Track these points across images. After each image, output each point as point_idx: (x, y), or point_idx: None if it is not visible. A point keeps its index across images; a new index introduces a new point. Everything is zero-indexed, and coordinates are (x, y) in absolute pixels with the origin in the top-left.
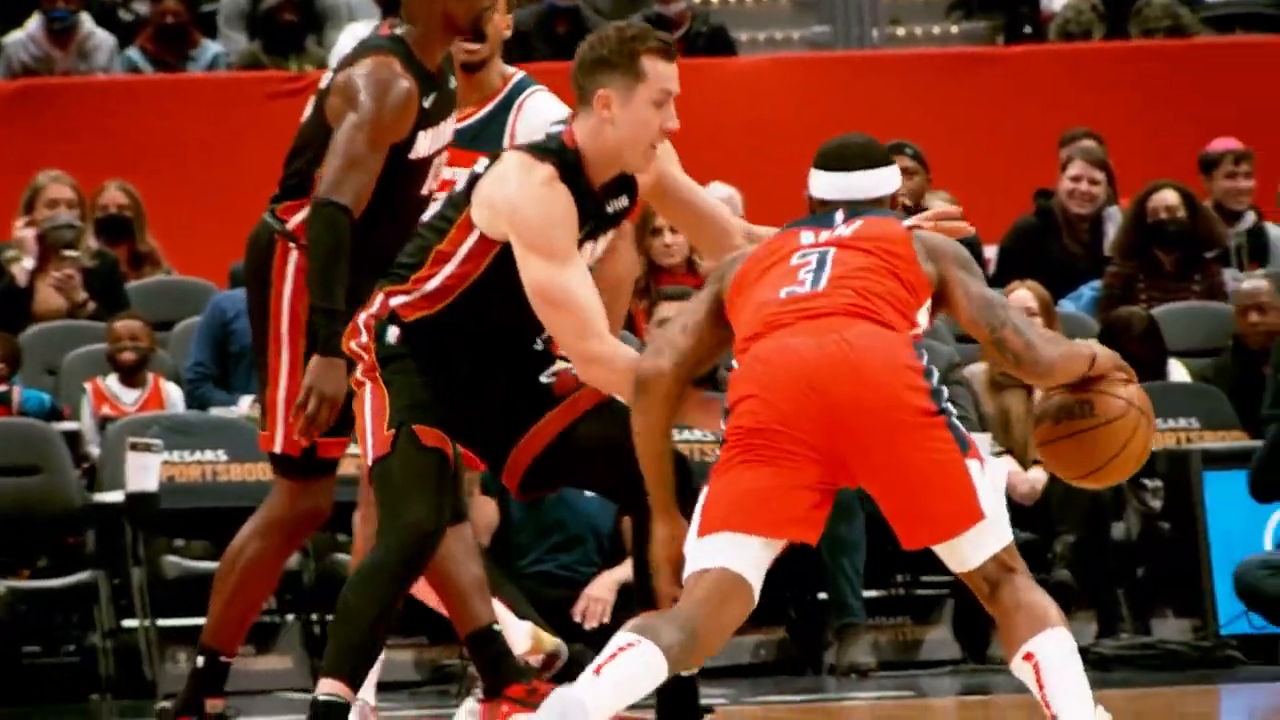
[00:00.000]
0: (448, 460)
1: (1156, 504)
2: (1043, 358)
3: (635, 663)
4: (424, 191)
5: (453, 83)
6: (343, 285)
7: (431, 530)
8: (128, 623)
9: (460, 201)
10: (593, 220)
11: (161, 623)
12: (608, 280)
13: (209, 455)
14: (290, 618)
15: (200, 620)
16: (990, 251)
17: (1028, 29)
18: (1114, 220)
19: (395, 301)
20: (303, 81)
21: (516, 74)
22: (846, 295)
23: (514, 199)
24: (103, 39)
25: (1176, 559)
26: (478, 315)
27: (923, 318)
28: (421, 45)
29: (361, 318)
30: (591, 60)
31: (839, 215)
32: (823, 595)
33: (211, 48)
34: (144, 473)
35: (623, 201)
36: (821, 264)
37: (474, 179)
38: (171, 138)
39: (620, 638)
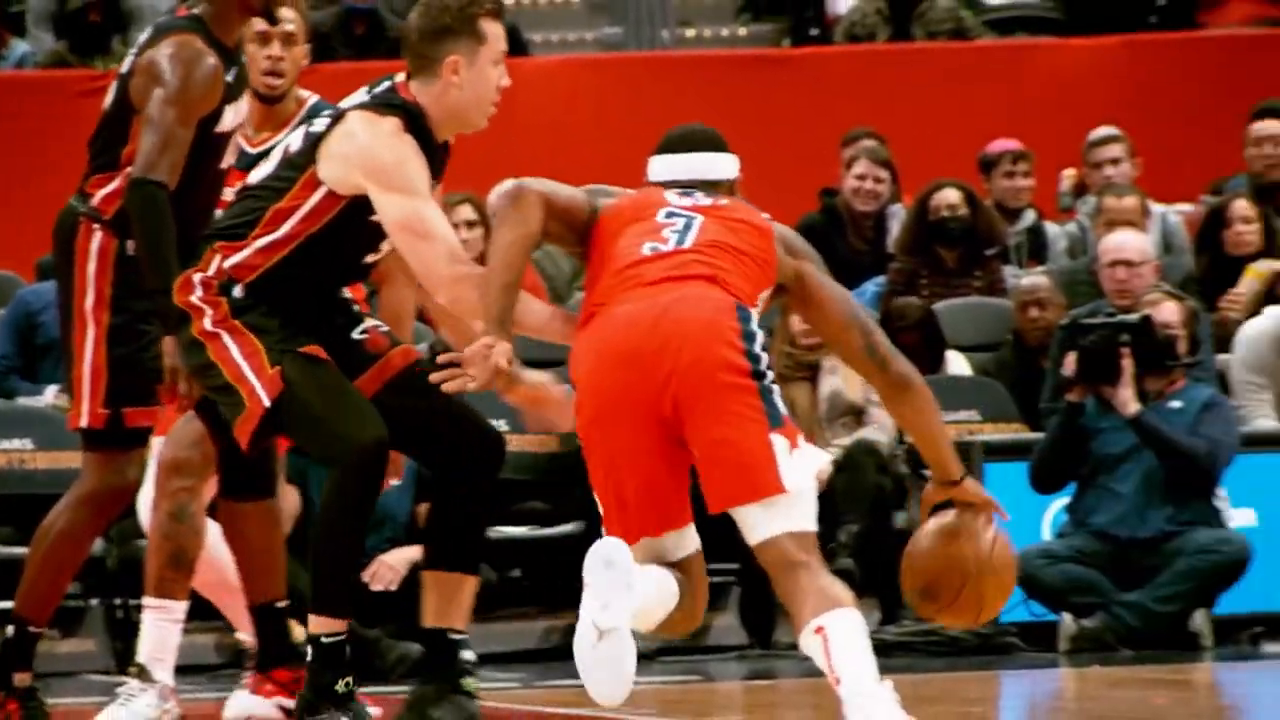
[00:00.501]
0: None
1: None
2: (906, 371)
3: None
4: (222, 165)
5: (245, 58)
6: (176, 260)
7: (380, 435)
8: None
9: (301, 162)
10: (435, 175)
11: None
12: (389, 309)
13: (15, 444)
14: (94, 602)
15: (8, 604)
16: None
17: (814, 31)
18: (897, 218)
19: (230, 261)
20: (108, 80)
21: (311, 98)
22: (704, 257)
23: (367, 147)
24: None
25: None
26: (311, 267)
27: (760, 302)
28: (218, 23)
29: (197, 276)
30: (434, 29)
31: (699, 193)
32: None
33: (20, 47)
34: None
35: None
36: (688, 227)
37: (315, 139)
38: None
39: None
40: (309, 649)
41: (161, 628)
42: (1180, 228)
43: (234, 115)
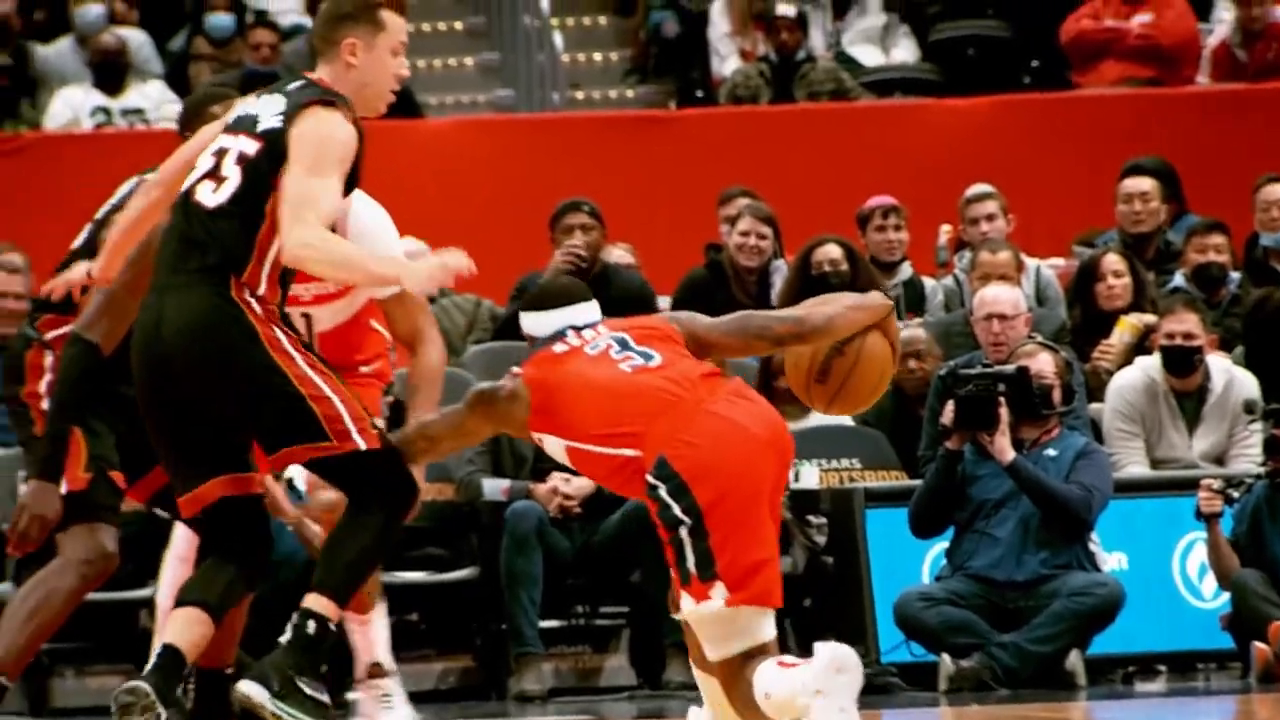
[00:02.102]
0: None
1: (821, 539)
2: (818, 320)
3: None
4: None
5: None
6: (75, 415)
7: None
8: None
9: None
10: None
11: None
12: (424, 372)
13: None
14: None
15: None
16: (664, 302)
17: (699, 93)
18: (780, 273)
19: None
20: (16, 142)
21: None
22: (687, 359)
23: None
24: None
25: (840, 591)
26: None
27: None
28: None
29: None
30: (336, 15)
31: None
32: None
33: None
34: None
35: None
36: (625, 344)
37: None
38: None
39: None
40: (307, 624)
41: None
42: (1054, 281)
43: None
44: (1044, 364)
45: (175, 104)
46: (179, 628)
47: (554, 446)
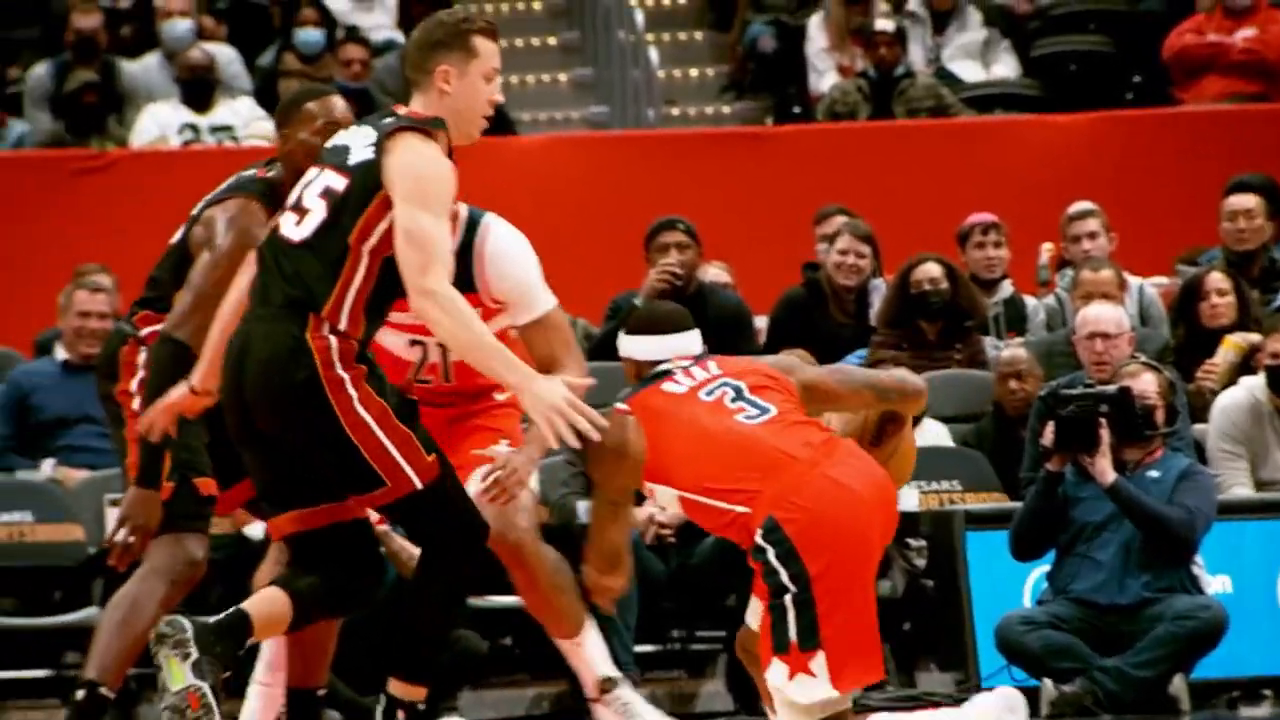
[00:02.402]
0: None
1: (921, 562)
2: (918, 382)
3: None
4: None
5: None
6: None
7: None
8: None
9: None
10: None
11: None
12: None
13: (15, 516)
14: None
15: (9, 674)
16: (761, 322)
17: (797, 109)
18: (879, 292)
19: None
20: (104, 159)
21: (461, 210)
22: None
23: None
24: None
25: (940, 615)
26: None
27: None
28: (287, 189)
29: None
30: (428, 43)
31: (690, 364)
32: None
33: (17, 127)
34: None
35: None
36: (740, 394)
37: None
38: None
39: None
40: (395, 715)
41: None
42: (1156, 300)
43: None
44: (1147, 384)
45: (264, 121)
46: (256, 599)
47: (666, 496)
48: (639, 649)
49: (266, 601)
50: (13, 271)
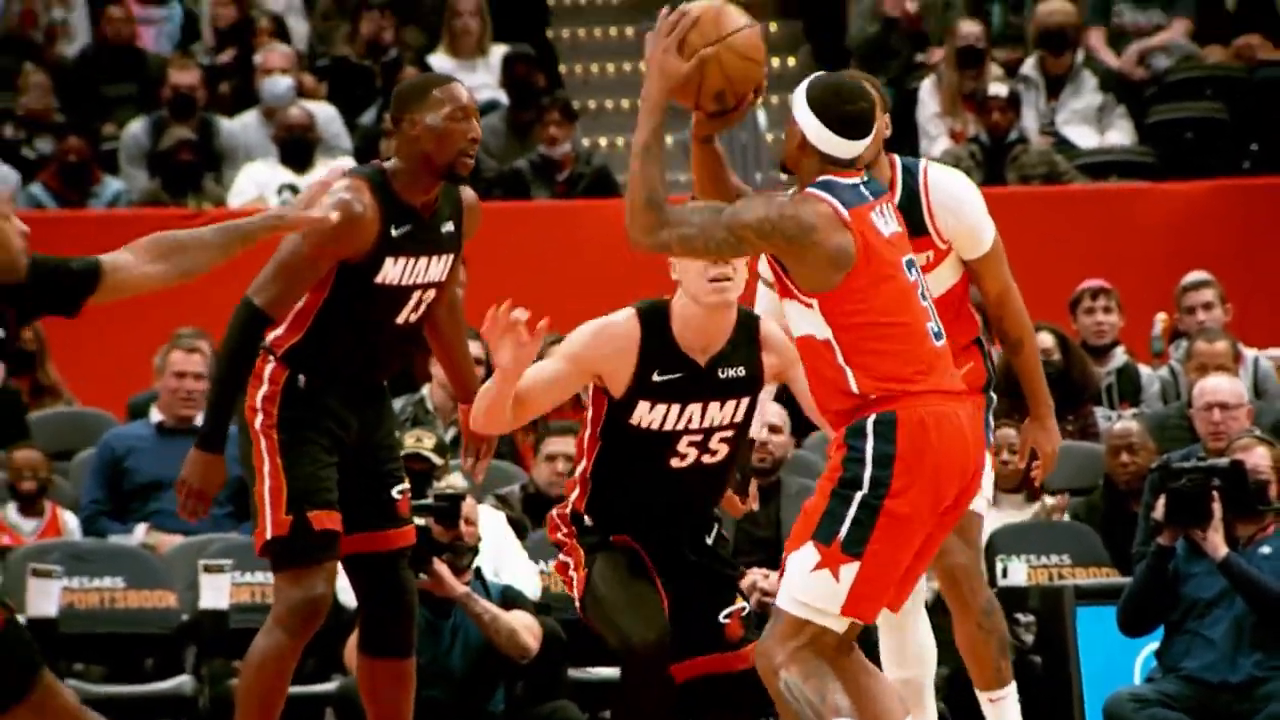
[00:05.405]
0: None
1: (1029, 638)
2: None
3: None
4: (400, 320)
5: (448, 225)
6: (239, 384)
7: (659, 634)
8: None
9: None
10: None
11: None
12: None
13: (107, 582)
14: None
15: None
16: None
17: None
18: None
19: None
20: (201, 218)
21: (895, 159)
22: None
23: None
24: (6, 175)
25: (1049, 691)
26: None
27: None
28: (402, 180)
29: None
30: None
31: (865, 191)
32: None
33: (113, 185)
34: (45, 598)
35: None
36: (926, 296)
37: None
38: None
39: None
40: None
41: None
42: (1272, 373)
43: (403, 271)
44: (1260, 458)
45: None
46: None
47: (799, 317)
48: None
49: None
50: (107, 334)
